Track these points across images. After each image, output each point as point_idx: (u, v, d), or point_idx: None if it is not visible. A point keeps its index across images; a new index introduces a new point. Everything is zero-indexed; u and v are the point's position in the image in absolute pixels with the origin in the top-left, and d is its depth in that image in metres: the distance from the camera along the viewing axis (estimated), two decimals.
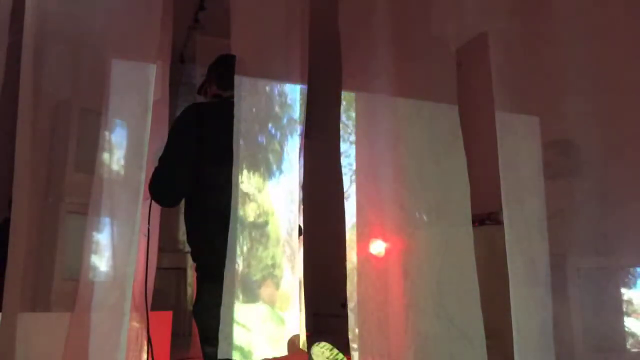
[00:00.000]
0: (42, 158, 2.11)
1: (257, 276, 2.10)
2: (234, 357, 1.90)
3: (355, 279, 2.18)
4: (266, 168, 2.18)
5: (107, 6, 2.13)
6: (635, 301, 2.29)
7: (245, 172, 2.09)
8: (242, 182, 2.04)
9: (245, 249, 2.07)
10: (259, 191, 2.15)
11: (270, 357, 2.05)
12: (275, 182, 2.21)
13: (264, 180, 2.17)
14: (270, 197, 2.19)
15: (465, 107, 2.30)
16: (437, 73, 2.34)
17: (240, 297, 2.03)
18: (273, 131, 2.24)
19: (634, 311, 2.27)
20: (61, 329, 1.92)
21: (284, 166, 2.24)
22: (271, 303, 2.13)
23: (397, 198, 2.24)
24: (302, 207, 2.24)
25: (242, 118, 2.04)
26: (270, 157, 2.21)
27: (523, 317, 2.06)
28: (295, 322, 2.17)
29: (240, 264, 2.02)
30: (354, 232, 2.25)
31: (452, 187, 2.25)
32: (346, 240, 2.26)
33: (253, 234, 2.11)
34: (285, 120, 2.29)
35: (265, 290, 2.12)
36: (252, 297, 2.08)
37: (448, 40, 2.36)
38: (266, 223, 2.16)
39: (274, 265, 2.14)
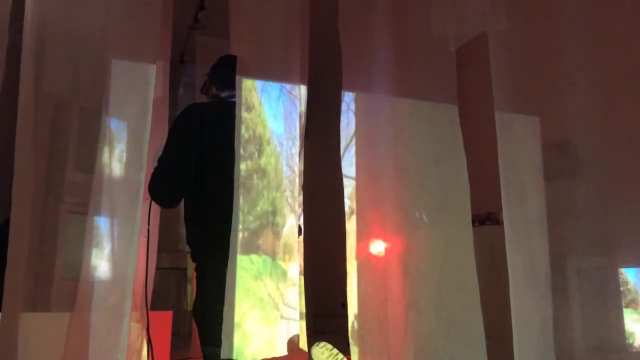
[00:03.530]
0: (42, 158, 2.11)
1: (255, 224, 1.95)
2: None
3: (356, 279, 2.18)
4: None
5: (107, 6, 2.14)
6: (635, 301, 2.29)
7: None
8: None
9: (240, 191, 1.89)
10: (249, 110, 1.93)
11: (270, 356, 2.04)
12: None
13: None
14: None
15: (465, 107, 2.30)
16: (437, 73, 2.34)
17: (237, 247, 1.88)
18: None
19: (634, 311, 2.27)
20: (61, 329, 1.92)
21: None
22: (272, 254, 2.01)
23: (397, 198, 2.24)
24: (302, 207, 2.24)
25: None
26: None
27: (523, 317, 2.06)
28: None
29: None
30: (354, 232, 2.25)
31: (452, 187, 2.25)
32: (346, 240, 2.26)
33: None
34: None
35: (265, 240, 1.95)
36: (249, 247, 1.93)
37: (448, 40, 2.36)
38: (260, 155, 1.99)
39: (274, 212, 2.02)
